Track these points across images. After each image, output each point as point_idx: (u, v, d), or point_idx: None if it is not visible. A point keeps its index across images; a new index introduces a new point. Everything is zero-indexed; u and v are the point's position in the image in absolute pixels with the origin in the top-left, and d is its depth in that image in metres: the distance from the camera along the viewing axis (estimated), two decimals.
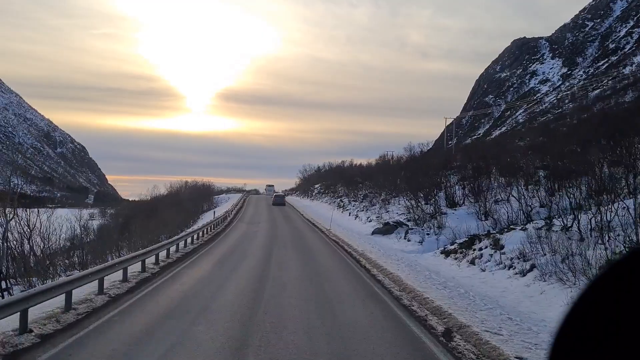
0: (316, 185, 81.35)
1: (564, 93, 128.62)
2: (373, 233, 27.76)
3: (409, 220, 28.72)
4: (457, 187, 33.28)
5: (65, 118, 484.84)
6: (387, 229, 27.10)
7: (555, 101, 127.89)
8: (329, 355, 7.90)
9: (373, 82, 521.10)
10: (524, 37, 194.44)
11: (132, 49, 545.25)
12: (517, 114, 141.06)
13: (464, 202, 28.62)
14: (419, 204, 32.29)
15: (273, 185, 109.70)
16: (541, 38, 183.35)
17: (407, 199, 34.35)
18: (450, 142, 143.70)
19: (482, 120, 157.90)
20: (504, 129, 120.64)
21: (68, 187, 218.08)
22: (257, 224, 35.77)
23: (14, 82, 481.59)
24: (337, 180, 66.09)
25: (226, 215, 37.58)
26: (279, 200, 68.10)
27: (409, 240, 24.08)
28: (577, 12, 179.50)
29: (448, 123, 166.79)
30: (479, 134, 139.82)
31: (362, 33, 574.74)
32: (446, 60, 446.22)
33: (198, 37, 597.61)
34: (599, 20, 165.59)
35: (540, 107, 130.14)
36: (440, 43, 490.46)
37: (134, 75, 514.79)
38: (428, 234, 23.97)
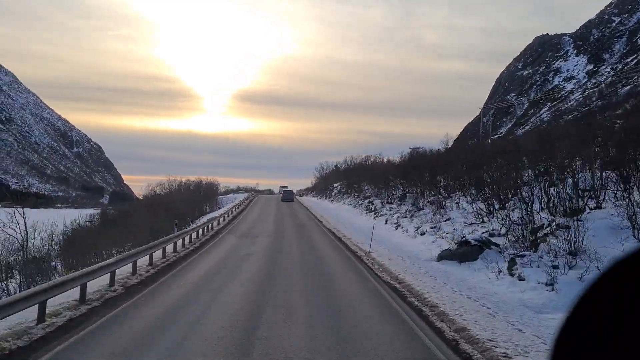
0: (335, 184, 70.40)
1: (591, 90, 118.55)
2: (441, 258, 16.09)
3: (491, 235, 17.24)
4: (536, 185, 21.77)
5: (82, 118, 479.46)
6: (465, 253, 15.32)
7: (581, 98, 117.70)
8: None
9: (387, 82, 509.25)
10: (546, 33, 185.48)
11: (150, 50, 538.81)
12: (542, 112, 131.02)
13: (582, 207, 17.04)
14: (492, 208, 20.89)
15: (287, 186, 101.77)
16: (564, 35, 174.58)
17: (470, 202, 22.91)
18: (470, 141, 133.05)
19: (504, 119, 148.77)
20: (527, 127, 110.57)
21: (83, 187, 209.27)
22: (255, 237, 24.32)
23: (33, 84, 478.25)
24: (362, 178, 55.25)
25: (208, 224, 26.31)
26: (288, 197, 66.97)
27: (521, 279, 12.39)
28: (603, 8, 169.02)
29: (475, 116, 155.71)
30: (501, 132, 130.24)
31: (377, 33, 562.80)
32: (461, 60, 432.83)
33: (214, 39, 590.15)
34: (626, 15, 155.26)
35: (566, 105, 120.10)
36: (455, 43, 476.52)
37: (151, 76, 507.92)
38: (555, 267, 12.41)
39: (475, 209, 21.31)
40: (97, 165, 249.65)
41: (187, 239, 19.78)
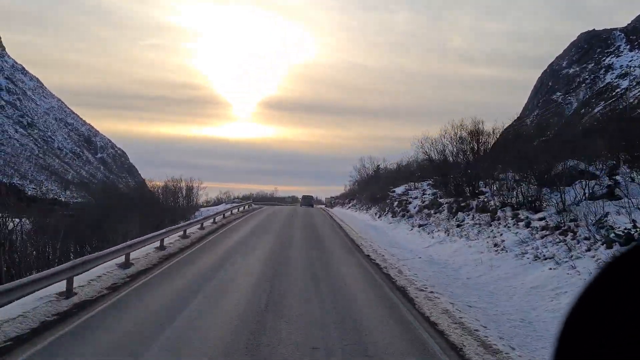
0: (403, 188, 42.32)
1: None
2: None
3: None
4: None
5: (109, 125, 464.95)
6: None
7: None
8: None
9: (415, 87, 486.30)
10: (593, 29, 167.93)
11: (178, 59, 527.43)
12: (595, 110, 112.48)
13: None
14: None
15: (311, 196, 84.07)
16: (614, 29, 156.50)
17: None
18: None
19: (551, 120, 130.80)
20: (580, 128, 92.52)
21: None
22: None
23: (61, 90, 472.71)
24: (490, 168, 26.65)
25: None
26: (307, 202, 62.37)
27: None
28: None
29: (514, 120, 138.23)
30: (549, 134, 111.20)
31: (403, 39, 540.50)
32: (491, 65, 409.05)
33: (241, 47, 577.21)
34: None
35: (625, 103, 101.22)
36: (482, 48, 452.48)
37: (179, 84, 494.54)
38: None
39: None
40: (121, 171, 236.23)
41: None
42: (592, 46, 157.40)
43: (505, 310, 11.30)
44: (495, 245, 18.42)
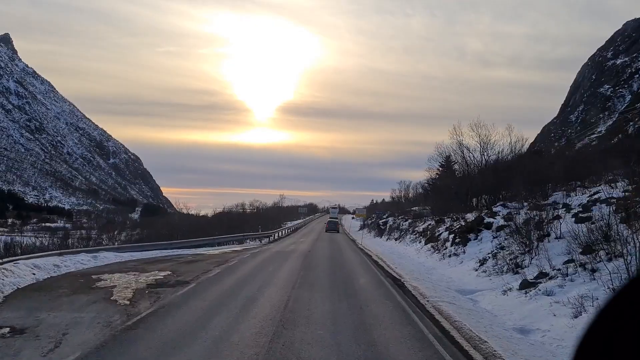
0: None
1: None
2: None
3: None
4: None
5: (131, 133, 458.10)
6: None
7: None
8: None
9: (433, 91, 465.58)
10: None
11: (195, 65, 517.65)
12: None
13: None
14: None
15: (337, 208, 77.68)
16: None
17: None
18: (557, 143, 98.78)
19: (601, 115, 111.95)
20: None
21: (114, 200, 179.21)
22: None
23: (81, 98, 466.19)
24: None
25: None
26: (332, 227, 56.62)
27: None
28: None
29: (554, 117, 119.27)
30: (600, 131, 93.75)
31: (419, 42, 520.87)
32: (509, 68, 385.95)
33: (258, 53, 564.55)
34: None
35: None
36: (500, 50, 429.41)
37: (196, 90, 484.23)
38: None
39: None
40: (134, 177, 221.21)
41: None
42: None
43: None
44: None
